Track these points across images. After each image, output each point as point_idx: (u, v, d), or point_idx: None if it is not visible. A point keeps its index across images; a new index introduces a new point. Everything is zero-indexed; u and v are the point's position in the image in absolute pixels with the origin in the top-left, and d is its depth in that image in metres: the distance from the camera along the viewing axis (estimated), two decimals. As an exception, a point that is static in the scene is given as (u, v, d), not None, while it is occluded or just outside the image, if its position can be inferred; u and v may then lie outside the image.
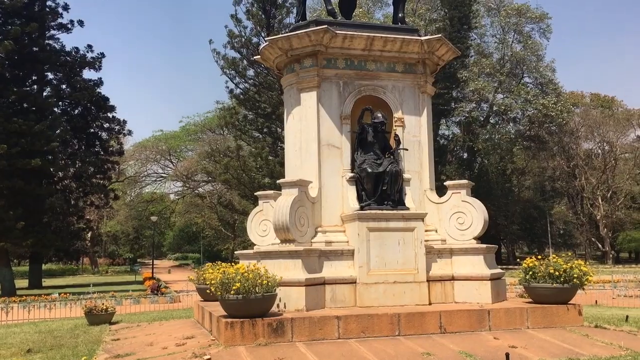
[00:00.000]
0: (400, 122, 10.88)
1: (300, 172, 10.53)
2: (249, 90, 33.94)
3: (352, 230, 9.77)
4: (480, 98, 48.84)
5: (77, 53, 36.45)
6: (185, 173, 60.58)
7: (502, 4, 51.42)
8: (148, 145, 63.40)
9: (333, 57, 10.74)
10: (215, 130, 55.22)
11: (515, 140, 51.72)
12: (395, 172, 10.11)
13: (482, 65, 47.71)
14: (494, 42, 53.23)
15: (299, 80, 10.80)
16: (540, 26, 51.45)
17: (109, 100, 37.25)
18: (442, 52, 11.32)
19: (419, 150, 10.95)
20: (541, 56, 51.17)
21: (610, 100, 62.73)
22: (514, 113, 50.30)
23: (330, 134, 10.58)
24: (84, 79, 36.45)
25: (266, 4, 32.87)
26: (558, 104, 47.59)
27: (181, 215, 71.77)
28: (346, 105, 10.69)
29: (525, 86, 50.58)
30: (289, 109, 11.29)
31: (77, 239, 38.77)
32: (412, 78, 11.11)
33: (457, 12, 42.50)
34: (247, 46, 32.82)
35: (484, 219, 10.33)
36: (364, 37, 10.59)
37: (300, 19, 11.90)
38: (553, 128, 51.48)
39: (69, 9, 36.15)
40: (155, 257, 67.81)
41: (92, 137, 37.65)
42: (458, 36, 41.28)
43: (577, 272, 9.00)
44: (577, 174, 55.83)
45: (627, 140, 57.36)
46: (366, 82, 10.88)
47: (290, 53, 10.82)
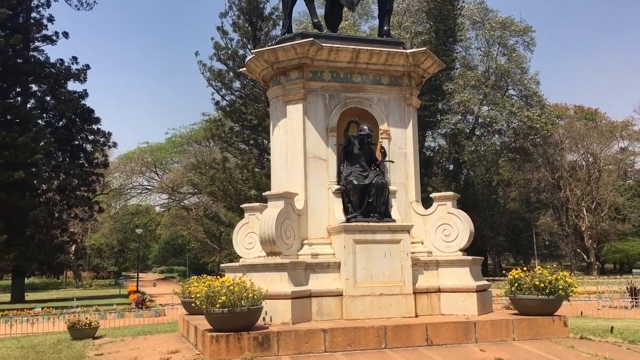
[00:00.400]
0: (386, 135, 10.91)
1: (287, 184, 10.51)
2: (235, 102, 33.92)
3: (339, 243, 9.75)
4: (466, 110, 49.24)
5: (62, 65, 36.25)
6: (170, 185, 60.23)
7: (487, 18, 52.01)
8: (133, 157, 63.00)
9: (319, 70, 10.76)
10: (201, 142, 55.06)
11: (501, 152, 52.12)
12: (381, 184, 10.12)
13: (467, 77, 48.14)
14: (479, 54, 53.82)
15: (285, 92, 10.81)
16: (524, 39, 52.13)
17: (93, 112, 37.03)
18: (428, 65, 11.40)
19: (404, 162, 10.97)
20: (525, 69, 51.80)
21: (594, 113, 63.51)
22: (499, 125, 50.75)
23: (316, 146, 10.57)
24: (69, 91, 36.23)
25: (253, 16, 32.95)
26: (542, 116, 48.10)
27: (167, 227, 71.32)
28: (332, 117, 10.70)
29: (510, 98, 51.09)
30: (275, 121, 11.28)
31: (60, 252, 38.31)
32: (397, 90, 11.15)
33: (442, 25, 42.91)
34: (234, 58, 32.84)
35: (470, 231, 10.35)
36: (349, 49, 10.63)
37: (287, 31, 11.93)
38: (538, 140, 51.96)
39: (53, 20, 36.02)
40: (141, 270, 67.23)
41: (77, 149, 37.36)
42: (443, 49, 41.64)
43: (562, 283, 9.03)
44: (561, 186, 56.31)
45: (610, 152, 58.03)
46: (352, 94, 10.90)
47: (276, 65, 10.83)
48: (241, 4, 32.98)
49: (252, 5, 32.80)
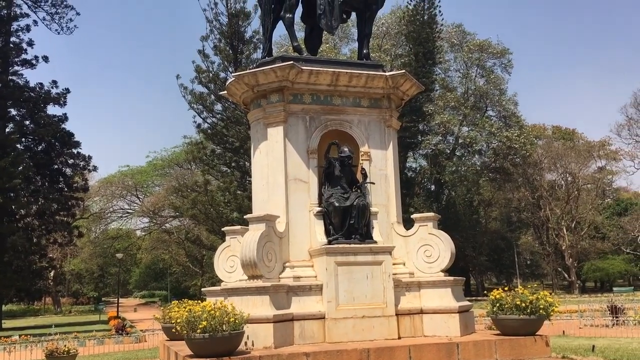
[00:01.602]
0: (367, 156, 10.97)
1: (268, 206, 10.49)
2: (217, 125, 33.91)
3: (320, 265, 9.72)
4: (446, 131, 49.73)
5: (41, 89, 35.99)
6: (152, 209, 59.70)
7: (465, 40, 52.86)
8: (114, 181, 62.43)
9: (299, 93, 10.83)
10: (183, 165, 54.80)
11: (481, 172, 52.60)
12: (362, 206, 10.15)
13: (447, 99, 48.72)
14: (458, 76, 54.58)
15: (265, 115, 10.84)
16: (502, 61, 53.01)
17: (73, 135, 36.72)
18: (407, 87, 11.52)
19: (385, 184, 11.02)
20: (504, 90, 52.59)
21: (571, 133, 64.51)
22: (479, 145, 51.29)
23: (298, 168, 10.59)
24: (48, 115, 35.94)
25: (234, 39, 33.13)
26: (521, 137, 48.74)
27: (148, 251, 70.50)
28: (313, 139, 10.74)
29: (489, 119, 51.74)
30: (255, 143, 11.30)
31: (39, 279, 37.62)
32: (377, 112, 11.25)
33: (421, 48, 43.50)
34: (215, 81, 32.91)
35: (451, 252, 10.39)
36: (329, 72, 10.72)
37: (267, 54, 12.00)
38: (517, 160, 52.57)
39: (33, 44, 35.84)
40: (121, 296, 66.17)
41: (56, 174, 36.94)
42: (423, 71, 42.17)
43: (543, 303, 9.08)
44: (541, 205, 56.88)
45: (588, 171, 58.83)
46: (332, 116, 10.97)
47: (257, 88, 10.88)
48: (222, 27, 33.17)
49: (233, 29, 33.00)
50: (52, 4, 37.48)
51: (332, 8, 11.58)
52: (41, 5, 37.10)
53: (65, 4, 37.86)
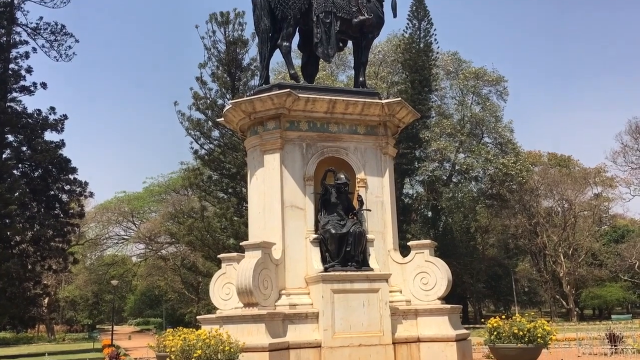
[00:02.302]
0: (363, 183, 11.00)
1: (264, 233, 10.47)
2: (214, 151, 33.96)
3: (317, 293, 9.66)
4: (443, 157, 49.87)
5: (39, 115, 36.06)
6: (148, 235, 59.41)
7: (461, 68, 53.35)
8: (110, 207, 62.23)
9: (296, 120, 10.90)
10: (180, 191, 54.73)
11: (478, 199, 52.61)
12: (358, 233, 10.14)
13: (443, 125, 48.96)
14: (454, 103, 54.94)
15: (262, 142, 10.89)
16: (497, 88, 53.45)
17: (70, 162, 36.68)
18: (403, 115, 11.61)
19: (382, 211, 11.04)
20: (499, 117, 52.89)
21: (567, 160, 64.74)
22: (476, 172, 51.38)
23: (294, 195, 10.60)
24: (46, 141, 35.92)
25: (231, 66, 33.39)
26: (517, 163, 48.88)
27: (143, 278, 69.95)
28: (309, 166, 10.78)
29: (486, 146, 51.95)
30: (252, 170, 11.32)
31: (33, 306, 37.19)
32: (374, 140, 11.31)
33: (417, 76, 43.88)
34: (212, 108, 33.05)
35: (448, 279, 10.35)
36: (326, 100, 10.81)
37: (264, 82, 12.11)
38: (514, 186, 52.63)
39: (32, 71, 36.02)
40: (116, 323, 65.50)
41: (52, 200, 36.79)
42: (419, 98, 42.48)
43: (540, 331, 9.02)
44: (538, 232, 56.78)
45: (585, 198, 58.86)
46: (329, 143, 11.02)
47: (254, 116, 10.95)
48: (220, 55, 33.44)
49: (231, 56, 33.27)
50: (52, 32, 37.76)
51: (329, 37, 11.73)
52: (40, 33, 37.37)
53: (64, 32, 38.16)
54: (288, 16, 11.65)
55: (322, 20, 11.78)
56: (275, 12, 11.75)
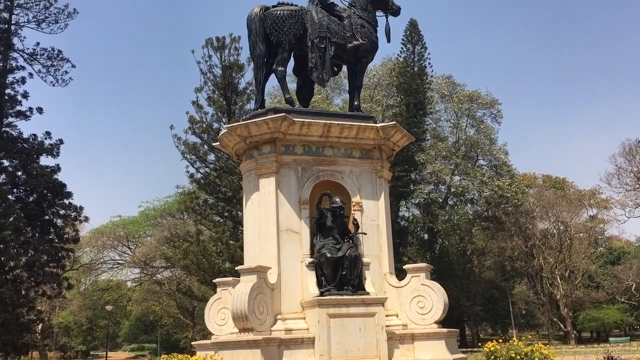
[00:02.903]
0: (359, 207, 11.01)
1: (260, 257, 10.44)
2: (210, 175, 33.97)
3: (312, 317, 9.60)
4: (438, 180, 49.99)
5: (34, 140, 35.99)
6: (143, 259, 59.08)
7: (455, 91, 53.79)
8: (105, 232, 61.97)
9: (291, 144, 10.95)
10: (175, 214, 54.58)
11: (474, 221, 52.62)
12: (354, 257, 10.13)
13: (438, 148, 49.18)
14: (449, 126, 55.28)
15: (257, 166, 10.92)
16: (492, 111, 53.83)
17: (65, 186, 36.52)
18: (397, 138, 11.68)
19: (377, 234, 11.03)
20: (494, 140, 53.18)
21: (562, 182, 64.98)
22: (471, 194, 51.47)
23: (289, 219, 10.60)
24: (41, 166, 35.81)
25: (227, 91, 33.59)
26: (512, 186, 49.01)
27: (138, 303, 69.34)
28: (305, 190, 10.80)
29: (481, 168, 52.13)
30: (247, 194, 11.33)
31: (26, 332, 36.72)
32: (369, 163, 11.36)
33: (412, 99, 44.21)
34: (208, 131, 33.16)
35: (444, 303, 10.31)
36: (321, 124, 10.88)
37: (259, 106, 12.18)
38: (509, 209, 52.70)
39: (28, 96, 36.06)
40: (110, 349, 64.71)
41: (47, 225, 36.56)
42: (414, 121, 42.74)
43: (538, 355, 8.99)
44: (535, 254, 56.73)
45: (580, 220, 58.95)
46: (324, 167, 11.06)
47: (249, 140, 10.99)
48: (216, 79, 33.66)
49: (227, 80, 33.49)
50: (48, 57, 37.92)
51: (324, 62, 11.84)
52: (37, 59, 37.52)
53: (61, 57, 38.30)
54: (283, 42, 11.77)
55: (317, 46, 11.90)
56: (271, 37, 11.87)
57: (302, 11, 12.22)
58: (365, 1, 12.88)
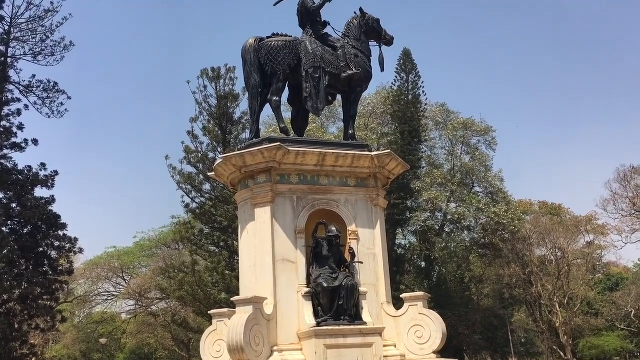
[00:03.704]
0: (355, 235, 10.98)
1: (255, 288, 10.35)
2: (205, 205, 33.90)
3: (309, 348, 9.49)
4: (434, 207, 49.91)
5: (29, 171, 35.89)
6: (138, 290, 58.53)
7: (449, 119, 54.10)
8: (100, 263, 61.53)
9: (286, 173, 10.96)
10: (171, 245, 54.33)
11: (471, 248, 52.45)
12: (351, 286, 10.06)
13: (434, 175, 49.26)
14: (444, 153, 55.42)
15: (253, 195, 10.90)
16: (486, 138, 54.06)
17: (60, 217, 36.30)
18: (393, 167, 11.71)
19: (374, 263, 10.98)
20: (489, 167, 53.31)
21: (558, 208, 65.05)
22: (468, 221, 51.36)
23: (285, 248, 10.55)
24: (36, 197, 35.64)
25: (222, 120, 33.73)
26: (509, 212, 48.98)
27: (133, 336, 68.42)
28: (300, 219, 10.78)
29: (477, 195, 52.15)
30: (243, 224, 11.29)
31: (19, 367, 36.14)
32: (364, 192, 11.37)
33: (407, 127, 44.45)
34: (204, 161, 33.19)
35: (443, 332, 10.21)
36: (316, 153, 10.91)
37: (255, 136, 12.23)
38: (506, 236, 52.57)
39: (23, 128, 36.09)
40: (104, 383, 63.62)
41: (41, 257, 36.23)
42: (409, 148, 42.90)
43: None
44: (533, 281, 56.43)
45: (577, 246, 58.85)
46: (319, 196, 11.06)
47: (244, 169, 11.00)
48: (212, 109, 33.82)
49: (222, 110, 33.67)
50: (44, 89, 38.06)
51: (318, 91, 11.93)
52: (33, 91, 37.68)
53: (57, 89, 38.45)
54: (278, 72, 11.86)
55: (311, 75, 12.00)
56: (265, 68, 11.97)
57: (296, 42, 12.35)
58: (358, 31, 13.05)
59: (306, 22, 13.02)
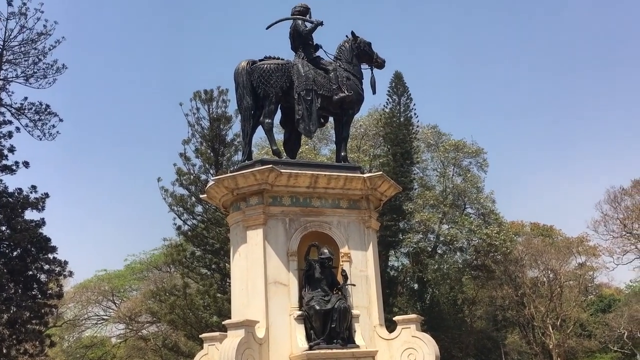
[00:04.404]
0: (347, 257, 10.95)
1: (247, 311, 10.28)
2: (197, 227, 33.76)
3: (302, 373, 9.38)
4: (427, 229, 49.96)
5: (20, 194, 35.64)
6: (128, 314, 57.88)
7: (441, 141, 54.44)
8: (90, 286, 60.88)
9: (279, 195, 10.96)
10: (162, 267, 53.93)
11: (464, 270, 52.39)
12: (343, 309, 10.01)
13: (426, 197, 49.36)
14: (436, 175, 55.64)
15: (245, 218, 10.88)
16: (477, 160, 54.39)
17: (50, 240, 35.97)
18: (385, 188, 11.73)
19: (366, 285, 10.94)
20: (481, 188, 53.52)
21: (549, 229, 65.22)
22: (460, 243, 51.39)
23: (277, 271, 10.51)
24: (26, 220, 35.33)
25: (215, 142, 33.76)
26: (501, 234, 49.09)
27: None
28: (292, 241, 10.75)
29: (469, 216, 52.24)
30: (235, 247, 11.25)
31: (7, 393, 35.50)
32: (356, 214, 11.38)
33: (399, 149, 44.66)
34: (196, 183, 33.14)
35: (436, 355, 10.16)
36: (308, 175, 10.93)
37: (247, 158, 12.25)
38: (498, 257, 52.59)
39: (14, 150, 35.94)
40: (93, 409, 62.53)
41: (31, 280, 35.80)
42: (402, 170, 43.06)
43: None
44: (526, 303, 56.31)
45: (569, 267, 58.87)
46: (312, 218, 11.06)
47: (237, 192, 10.99)
48: (204, 131, 33.88)
49: (215, 132, 33.73)
50: (36, 111, 37.98)
51: (310, 113, 12.00)
52: (25, 113, 37.61)
53: (49, 111, 38.40)
54: (270, 94, 11.93)
55: (304, 98, 12.08)
56: (258, 90, 12.04)
57: (288, 64, 12.45)
58: (350, 54, 13.17)
59: (298, 45, 13.15)
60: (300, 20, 13.16)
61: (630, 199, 53.21)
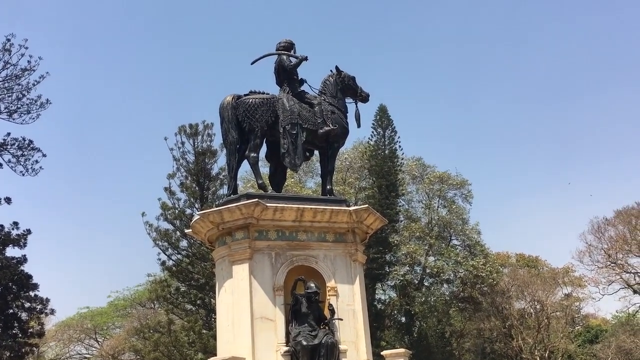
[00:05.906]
0: (334, 292, 10.88)
1: (233, 347, 10.13)
2: (182, 262, 33.42)
3: (289, 410, 9.22)
4: (413, 261, 49.87)
5: (1, 230, 35.17)
6: (111, 352, 56.69)
7: (425, 173, 54.78)
8: (72, 324, 59.71)
9: (264, 229, 10.92)
10: (146, 304, 53.10)
11: (451, 302, 52.22)
12: (331, 344, 9.90)
13: (412, 229, 49.42)
14: (421, 207, 55.78)
15: (230, 252, 10.80)
16: (462, 192, 54.70)
17: (32, 278, 35.33)
18: (370, 221, 11.74)
19: (353, 319, 10.85)
20: (466, 220, 53.71)
21: (535, 260, 65.37)
22: (447, 275, 51.34)
23: (264, 306, 10.40)
24: (7, 257, 34.78)
25: (200, 176, 33.68)
26: (487, 265, 49.15)
27: (106, 400, 65.82)
28: (279, 276, 10.67)
29: (455, 248, 52.29)
30: (220, 282, 11.14)
31: None
32: (343, 247, 11.35)
33: (384, 181, 44.87)
34: (181, 217, 32.91)
35: (425, 390, 10.02)
36: (294, 209, 10.91)
37: (232, 192, 12.22)
38: (485, 289, 52.51)
39: (-4, 186, 35.59)
40: None
41: (11, 318, 35.04)
42: (387, 202, 43.18)
43: None
44: (513, 334, 56.03)
45: (555, 298, 58.84)
46: (298, 252, 11.01)
47: (222, 226, 10.93)
48: (189, 165, 33.82)
49: (200, 166, 33.68)
50: (19, 147, 37.70)
51: (295, 147, 12.05)
52: (7, 149, 37.36)
53: (32, 147, 38.16)
54: (255, 128, 11.98)
55: (289, 132, 12.14)
56: (243, 124, 12.09)
57: (273, 99, 12.54)
58: (335, 89, 13.31)
59: (283, 79, 13.27)
60: (285, 55, 13.32)
61: (614, 229, 53.64)
